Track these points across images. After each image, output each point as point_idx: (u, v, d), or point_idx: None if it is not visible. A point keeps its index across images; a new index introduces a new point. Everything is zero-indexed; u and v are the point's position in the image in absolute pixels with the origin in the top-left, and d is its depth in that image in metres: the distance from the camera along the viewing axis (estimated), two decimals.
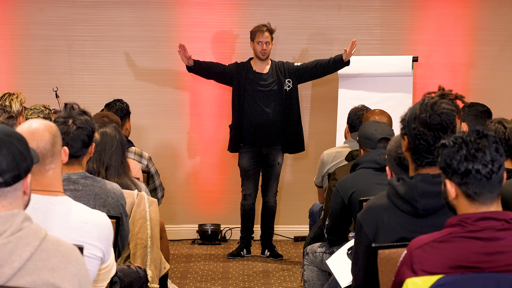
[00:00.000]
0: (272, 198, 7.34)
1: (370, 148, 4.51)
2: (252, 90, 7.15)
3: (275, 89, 7.16)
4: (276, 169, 7.28)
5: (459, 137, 2.52)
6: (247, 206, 7.33)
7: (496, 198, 2.52)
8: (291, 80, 7.20)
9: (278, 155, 7.25)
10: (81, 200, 3.31)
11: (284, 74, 7.21)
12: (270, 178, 7.30)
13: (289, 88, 7.18)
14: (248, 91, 7.15)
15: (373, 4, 7.98)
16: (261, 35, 7.17)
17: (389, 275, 2.82)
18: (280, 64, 7.27)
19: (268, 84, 7.18)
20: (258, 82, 7.17)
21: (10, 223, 2.10)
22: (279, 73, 7.20)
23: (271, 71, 7.22)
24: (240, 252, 7.37)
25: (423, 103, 2.91)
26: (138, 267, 4.09)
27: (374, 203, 3.04)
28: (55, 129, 2.96)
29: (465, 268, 2.46)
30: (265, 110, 7.13)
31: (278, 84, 7.17)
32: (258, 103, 7.13)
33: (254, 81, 7.17)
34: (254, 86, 7.16)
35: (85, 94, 7.90)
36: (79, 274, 2.15)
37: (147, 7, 7.93)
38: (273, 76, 7.20)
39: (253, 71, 7.20)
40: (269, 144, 7.20)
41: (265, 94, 7.15)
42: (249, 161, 7.23)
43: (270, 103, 7.14)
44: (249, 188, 7.29)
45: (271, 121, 7.13)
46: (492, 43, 8.00)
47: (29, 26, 7.90)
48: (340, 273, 4.00)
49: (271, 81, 7.19)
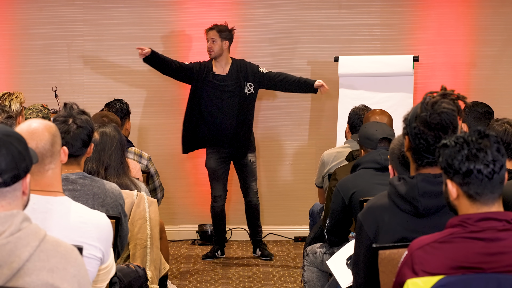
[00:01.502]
0: (254, 197, 7.28)
1: (370, 148, 4.50)
2: (210, 92, 7.05)
3: (233, 90, 7.06)
4: (249, 167, 7.20)
5: (460, 137, 2.51)
6: (218, 208, 7.23)
7: (497, 199, 2.51)
8: (253, 85, 7.10)
9: (247, 154, 7.17)
10: (80, 200, 3.31)
11: (246, 77, 7.10)
12: (246, 177, 7.22)
13: (249, 92, 7.09)
14: (207, 92, 7.05)
15: (373, 3, 7.97)
16: (207, 34, 7.10)
17: (390, 275, 2.82)
18: (243, 65, 7.14)
19: (227, 86, 7.07)
20: (217, 84, 7.06)
21: (9, 224, 2.10)
22: (239, 75, 7.09)
23: (231, 72, 7.11)
24: (215, 253, 7.31)
25: (424, 102, 2.90)
26: (137, 266, 4.08)
27: (375, 203, 3.04)
28: (54, 129, 2.95)
29: (466, 268, 2.46)
30: (222, 112, 7.03)
31: (237, 86, 7.07)
32: (215, 104, 7.03)
33: (212, 82, 7.06)
34: (213, 88, 7.06)
35: (84, 94, 7.88)
36: (78, 274, 2.14)
37: (147, 7, 7.92)
38: (232, 78, 7.09)
39: (212, 73, 7.09)
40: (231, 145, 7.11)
41: (223, 96, 7.04)
42: (216, 161, 7.15)
43: (227, 104, 7.04)
44: (218, 189, 7.21)
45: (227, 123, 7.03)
46: (493, 42, 7.99)
47: (28, 25, 7.89)
48: (340, 273, 4.00)
49: (230, 83, 7.08)
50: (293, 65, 7.96)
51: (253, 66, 7.16)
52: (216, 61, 7.11)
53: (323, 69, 7.93)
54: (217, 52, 7.06)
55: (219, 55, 7.08)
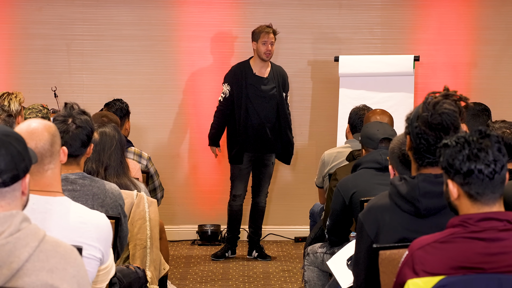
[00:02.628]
0: (263, 199, 7.29)
1: (371, 148, 4.50)
2: (253, 95, 7.05)
3: (275, 93, 7.09)
4: (269, 169, 7.23)
5: (461, 136, 2.51)
6: (236, 207, 7.24)
7: (498, 199, 2.51)
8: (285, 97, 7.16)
9: (272, 155, 7.20)
10: (79, 200, 3.30)
11: (283, 87, 7.15)
12: (263, 179, 7.23)
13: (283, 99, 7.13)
14: (249, 96, 7.04)
15: (374, 3, 7.97)
16: (267, 36, 7.05)
17: (391, 276, 2.82)
18: (281, 73, 7.18)
19: (269, 89, 7.09)
20: (259, 86, 7.07)
21: (8, 224, 2.09)
22: (279, 79, 7.13)
23: (272, 75, 7.13)
24: (225, 253, 7.31)
25: (426, 102, 2.90)
26: (137, 268, 4.07)
27: (376, 203, 3.03)
28: (54, 129, 2.95)
29: (467, 269, 2.46)
30: (263, 115, 7.04)
31: (278, 90, 7.10)
32: (256, 108, 7.03)
33: (254, 85, 7.06)
34: (255, 91, 7.06)
35: (84, 93, 7.88)
36: (78, 275, 2.14)
37: (147, 6, 7.92)
38: (273, 81, 7.12)
39: (252, 74, 7.09)
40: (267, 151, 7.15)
41: (265, 100, 7.06)
42: (246, 161, 7.15)
43: (269, 108, 7.06)
44: (240, 188, 7.21)
45: (269, 127, 7.06)
46: (494, 42, 7.99)
47: (27, 25, 7.89)
48: (341, 274, 3.99)
49: (271, 86, 7.11)
50: (293, 65, 7.96)
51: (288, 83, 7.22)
52: (261, 63, 7.10)
53: (323, 68, 7.94)
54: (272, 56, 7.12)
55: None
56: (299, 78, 8.00)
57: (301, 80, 8.01)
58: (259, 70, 7.12)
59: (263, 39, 7.05)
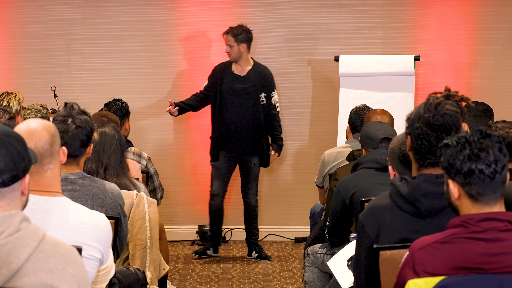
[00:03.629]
0: (253, 198, 7.27)
1: (371, 148, 4.49)
2: (226, 92, 7.05)
3: (249, 93, 7.06)
4: (253, 170, 7.19)
5: (462, 136, 2.50)
6: (214, 206, 7.23)
7: (499, 199, 2.51)
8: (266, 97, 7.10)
9: (253, 157, 7.15)
10: (79, 201, 3.30)
11: (262, 87, 7.09)
12: (248, 180, 7.22)
13: (262, 103, 7.08)
14: (223, 93, 7.06)
15: (374, 2, 7.96)
16: (224, 38, 7.13)
17: (391, 276, 2.81)
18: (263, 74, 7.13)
19: (243, 88, 7.06)
20: (233, 84, 7.06)
21: (8, 224, 2.09)
22: (257, 79, 7.08)
23: (250, 74, 7.10)
24: (206, 250, 7.31)
25: (427, 103, 2.89)
26: (137, 269, 4.06)
27: (376, 203, 3.03)
28: (53, 129, 2.94)
29: (468, 269, 2.45)
30: (238, 114, 7.03)
31: (253, 89, 7.07)
32: (230, 106, 7.03)
33: (228, 83, 7.07)
34: (229, 88, 7.06)
35: (83, 93, 7.87)
36: (77, 275, 2.13)
37: (146, 6, 7.92)
38: (250, 80, 7.09)
39: (230, 72, 7.10)
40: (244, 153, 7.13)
41: (238, 98, 7.04)
42: (222, 159, 7.15)
43: (243, 107, 7.03)
44: (216, 187, 7.21)
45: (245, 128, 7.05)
46: (495, 42, 7.98)
47: (27, 24, 7.88)
48: (341, 274, 3.99)
49: (247, 85, 7.08)
50: (293, 64, 7.96)
51: (271, 83, 7.16)
52: (238, 63, 7.12)
53: (323, 68, 7.93)
54: (236, 56, 7.10)
55: (239, 58, 7.11)
56: (299, 78, 8.00)
57: (301, 80, 8.01)
58: (237, 69, 7.11)
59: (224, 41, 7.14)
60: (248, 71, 7.12)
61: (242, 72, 7.12)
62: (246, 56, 7.14)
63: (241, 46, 7.10)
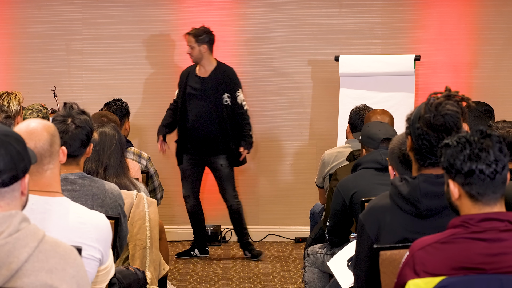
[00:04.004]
0: (232, 201, 7.18)
1: (372, 147, 4.48)
2: (189, 94, 7.01)
3: (210, 94, 7.00)
4: (221, 171, 7.10)
5: (462, 136, 2.50)
6: (189, 208, 7.22)
7: (499, 199, 2.50)
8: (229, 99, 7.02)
9: (218, 158, 7.07)
10: (79, 201, 3.29)
11: (224, 87, 7.02)
12: (221, 181, 7.13)
13: (226, 103, 7.01)
14: (186, 96, 7.02)
15: (374, 2, 7.96)
16: (186, 39, 7.08)
17: (391, 276, 2.81)
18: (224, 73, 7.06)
19: (204, 89, 7.01)
20: (195, 86, 7.03)
21: (7, 224, 2.08)
22: (218, 81, 7.02)
23: (213, 75, 7.05)
24: (190, 252, 7.29)
25: (428, 103, 2.89)
26: (137, 269, 4.06)
27: (377, 203, 3.03)
28: (53, 129, 2.94)
29: (468, 269, 2.45)
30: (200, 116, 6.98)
31: (215, 91, 7.00)
32: (194, 109, 6.99)
33: (191, 85, 7.03)
34: (191, 90, 7.03)
35: (83, 93, 7.87)
36: (77, 275, 2.13)
37: (146, 6, 7.91)
38: (211, 81, 7.03)
39: (194, 75, 7.06)
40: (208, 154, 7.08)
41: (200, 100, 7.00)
42: (187, 161, 7.12)
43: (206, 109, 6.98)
44: (186, 189, 7.19)
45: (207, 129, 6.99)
46: (495, 42, 7.97)
47: (26, 24, 7.87)
48: (341, 275, 3.98)
49: (208, 86, 7.02)
50: (293, 64, 7.95)
51: (234, 82, 7.07)
52: (201, 64, 7.08)
53: (323, 68, 7.92)
54: (196, 58, 7.04)
55: (200, 59, 7.05)
56: (299, 78, 7.99)
57: (301, 80, 8.00)
58: (201, 71, 7.07)
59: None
60: (210, 72, 7.06)
61: (205, 73, 7.06)
62: (208, 57, 7.07)
63: (202, 47, 7.02)
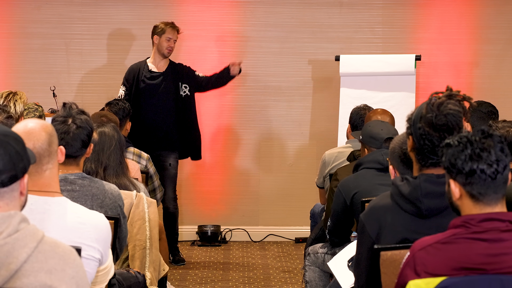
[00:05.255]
0: (170, 204, 7.00)
1: (374, 147, 4.46)
2: (143, 89, 6.88)
3: (169, 90, 6.91)
4: (168, 171, 6.95)
5: (464, 136, 2.50)
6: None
7: (500, 199, 2.50)
8: (188, 87, 6.95)
9: (169, 157, 6.96)
10: (78, 201, 3.28)
11: (181, 78, 6.95)
12: (163, 182, 6.85)
13: (185, 94, 6.94)
14: (140, 90, 6.88)
15: (375, 1, 7.95)
16: (173, 33, 6.94)
17: (392, 277, 2.81)
18: (180, 67, 7.02)
19: (162, 85, 6.92)
20: (151, 81, 6.92)
21: (6, 225, 2.08)
22: (175, 75, 6.96)
23: (168, 71, 6.97)
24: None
25: (430, 103, 2.88)
26: (137, 272, 4.05)
27: (378, 203, 3.02)
28: (51, 128, 2.93)
29: (469, 269, 2.45)
30: (157, 112, 6.87)
31: (174, 85, 6.92)
32: (148, 103, 6.87)
33: (145, 80, 6.91)
34: (146, 84, 6.90)
35: (83, 93, 7.87)
36: (76, 276, 2.13)
37: (146, 5, 7.91)
38: (168, 76, 6.95)
39: (148, 70, 6.95)
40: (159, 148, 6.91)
41: (156, 93, 6.89)
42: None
43: (162, 103, 6.88)
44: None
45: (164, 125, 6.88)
46: (496, 41, 7.97)
47: (26, 24, 7.87)
48: (341, 275, 3.98)
49: (166, 83, 6.93)
50: (293, 64, 7.95)
51: (188, 69, 7.02)
52: (159, 60, 6.97)
53: (324, 68, 7.92)
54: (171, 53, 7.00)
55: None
56: (299, 78, 7.99)
57: (302, 80, 7.99)
58: (156, 66, 6.98)
59: (168, 35, 6.94)
60: (166, 67, 6.96)
61: (160, 69, 6.97)
62: None
63: None
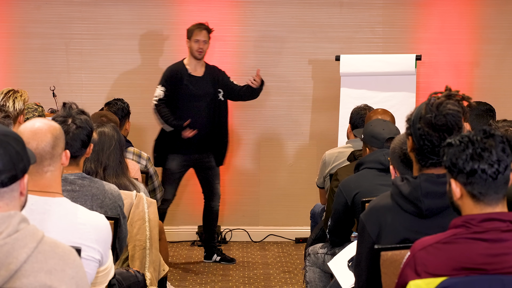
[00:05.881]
0: (217, 202, 7.08)
1: (376, 147, 4.45)
2: (185, 93, 6.87)
3: (208, 93, 6.91)
4: (215, 170, 7.01)
5: (465, 136, 2.49)
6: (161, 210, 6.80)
7: (501, 199, 2.50)
8: (222, 92, 6.96)
9: (210, 157, 6.99)
10: (78, 201, 3.28)
11: (217, 83, 6.96)
12: (212, 181, 6.97)
13: (218, 99, 6.95)
14: (182, 94, 6.87)
15: (375, 1, 7.95)
16: (199, 33, 6.91)
17: (392, 277, 2.80)
18: (216, 70, 7.01)
19: (202, 88, 6.91)
20: (193, 86, 6.90)
21: (6, 225, 2.08)
22: (213, 79, 6.95)
23: (206, 74, 6.97)
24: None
25: (429, 103, 2.88)
26: (137, 272, 4.05)
27: (378, 203, 3.02)
28: (58, 131, 2.92)
29: (469, 270, 2.44)
30: (198, 115, 6.86)
31: (213, 90, 6.92)
32: (192, 107, 6.86)
33: (188, 86, 6.89)
34: (188, 89, 6.88)
35: (83, 93, 7.86)
36: (76, 276, 2.12)
37: (146, 5, 7.90)
38: (208, 80, 6.95)
39: (187, 73, 6.93)
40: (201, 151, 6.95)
41: (200, 98, 6.90)
42: (178, 164, 6.97)
43: (204, 107, 6.89)
44: (170, 193, 6.99)
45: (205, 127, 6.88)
46: (496, 41, 7.97)
47: (26, 24, 7.87)
48: (342, 275, 3.97)
49: (206, 85, 6.93)
50: (294, 64, 7.95)
51: (223, 73, 7.02)
52: (195, 63, 6.97)
53: (324, 68, 7.92)
54: (204, 54, 6.97)
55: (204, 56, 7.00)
56: (300, 78, 7.99)
57: (302, 80, 7.99)
58: (193, 70, 6.97)
59: (196, 37, 6.92)
60: (204, 71, 6.97)
61: (199, 73, 6.97)
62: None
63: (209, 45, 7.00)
